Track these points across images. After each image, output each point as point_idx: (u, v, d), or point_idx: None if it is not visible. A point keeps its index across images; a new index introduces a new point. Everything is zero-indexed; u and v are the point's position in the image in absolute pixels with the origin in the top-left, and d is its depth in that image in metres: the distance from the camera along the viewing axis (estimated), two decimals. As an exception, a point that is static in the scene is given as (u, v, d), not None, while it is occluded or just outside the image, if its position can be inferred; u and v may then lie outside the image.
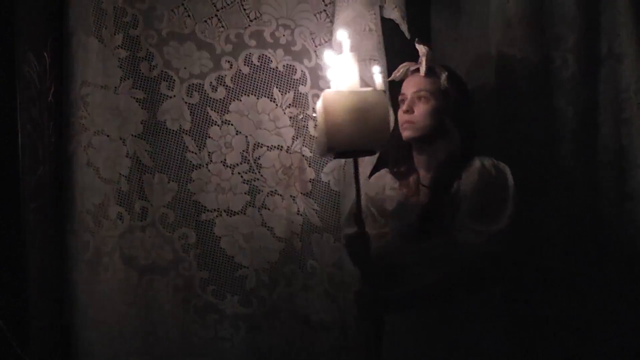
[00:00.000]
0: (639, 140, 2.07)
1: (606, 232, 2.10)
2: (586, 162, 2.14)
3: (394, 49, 2.18)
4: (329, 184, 2.20)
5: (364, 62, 2.08)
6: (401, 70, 1.98)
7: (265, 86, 2.18)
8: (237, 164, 2.18)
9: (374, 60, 2.08)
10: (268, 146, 2.18)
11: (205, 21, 2.17)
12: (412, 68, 1.95)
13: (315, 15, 2.19)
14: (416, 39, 1.98)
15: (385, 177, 2.04)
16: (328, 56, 1.77)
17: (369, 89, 1.75)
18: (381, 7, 2.13)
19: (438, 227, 1.85)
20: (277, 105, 2.19)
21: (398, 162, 2.01)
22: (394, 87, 2.06)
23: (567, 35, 2.15)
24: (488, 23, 2.27)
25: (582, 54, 2.14)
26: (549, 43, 2.17)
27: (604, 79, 2.12)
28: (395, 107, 1.98)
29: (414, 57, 1.94)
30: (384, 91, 1.75)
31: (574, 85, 2.15)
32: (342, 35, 1.76)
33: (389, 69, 2.08)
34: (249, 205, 2.18)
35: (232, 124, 2.18)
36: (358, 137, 1.66)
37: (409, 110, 1.89)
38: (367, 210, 2.01)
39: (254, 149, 2.18)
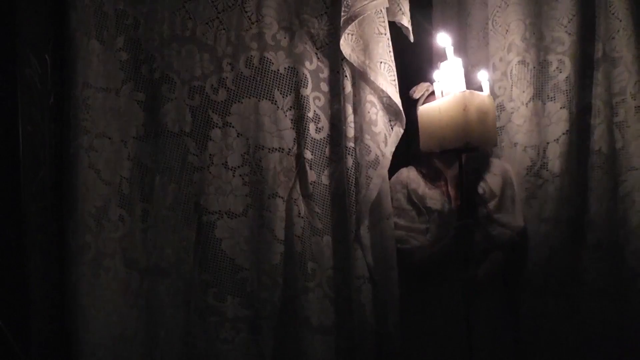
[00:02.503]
0: (633, 144, 2.11)
1: (598, 234, 2.14)
2: (579, 165, 2.18)
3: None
4: (329, 186, 2.19)
5: (375, 65, 2.10)
6: (422, 92, 2.16)
7: (266, 88, 2.17)
8: (238, 166, 2.17)
9: (384, 63, 2.08)
10: (269, 148, 2.16)
11: (207, 23, 2.16)
12: (431, 89, 2.14)
13: (316, 18, 2.17)
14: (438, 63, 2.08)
15: (417, 176, 2.23)
16: (446, 63, 1.95)
17: (486, 93, 1.97)
18: (387, 10, 2.12)
19: (476, 225, 2.11)
20: (278, 107, 2.17)
21: (428, 165, 2.23)
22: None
23: (563, 39, 2.19)
24: (487, 27, 2.31)
25: (577, 57, 2.18)
26: (546, 46, 2.21)
27: (598, 82, 2.15)
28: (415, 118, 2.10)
29: (414, 60, 1.98)
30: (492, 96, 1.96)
31: (569, 88, 2.19)
32: (444, 40, 1.94)
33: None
34: (250, 208, 2.17)
35: (233, 126, 2.17)
36: (483, 134, 1.91)
37: None
38: (411, 203, 2.20)
39: (255, 151, 2.17)
